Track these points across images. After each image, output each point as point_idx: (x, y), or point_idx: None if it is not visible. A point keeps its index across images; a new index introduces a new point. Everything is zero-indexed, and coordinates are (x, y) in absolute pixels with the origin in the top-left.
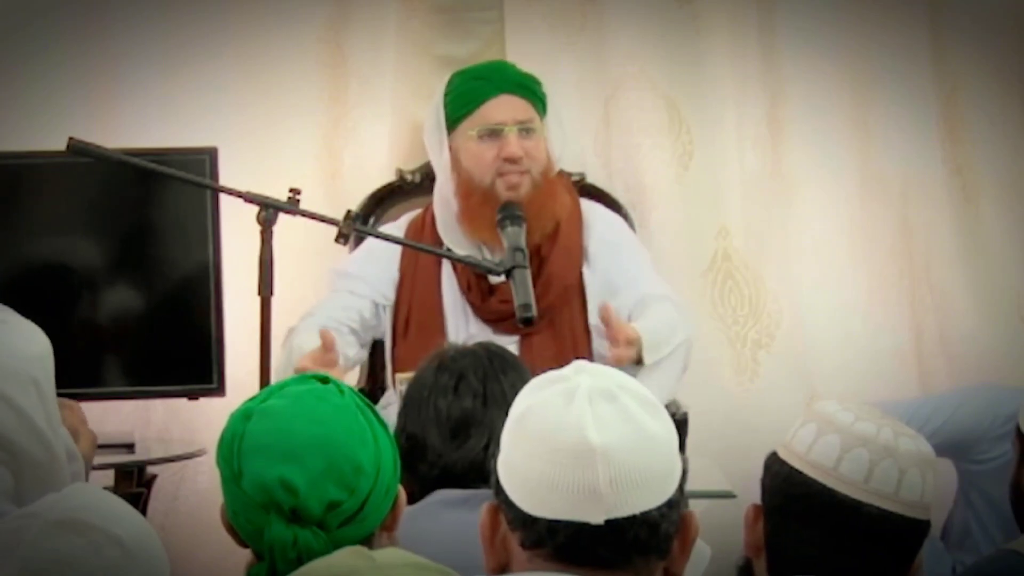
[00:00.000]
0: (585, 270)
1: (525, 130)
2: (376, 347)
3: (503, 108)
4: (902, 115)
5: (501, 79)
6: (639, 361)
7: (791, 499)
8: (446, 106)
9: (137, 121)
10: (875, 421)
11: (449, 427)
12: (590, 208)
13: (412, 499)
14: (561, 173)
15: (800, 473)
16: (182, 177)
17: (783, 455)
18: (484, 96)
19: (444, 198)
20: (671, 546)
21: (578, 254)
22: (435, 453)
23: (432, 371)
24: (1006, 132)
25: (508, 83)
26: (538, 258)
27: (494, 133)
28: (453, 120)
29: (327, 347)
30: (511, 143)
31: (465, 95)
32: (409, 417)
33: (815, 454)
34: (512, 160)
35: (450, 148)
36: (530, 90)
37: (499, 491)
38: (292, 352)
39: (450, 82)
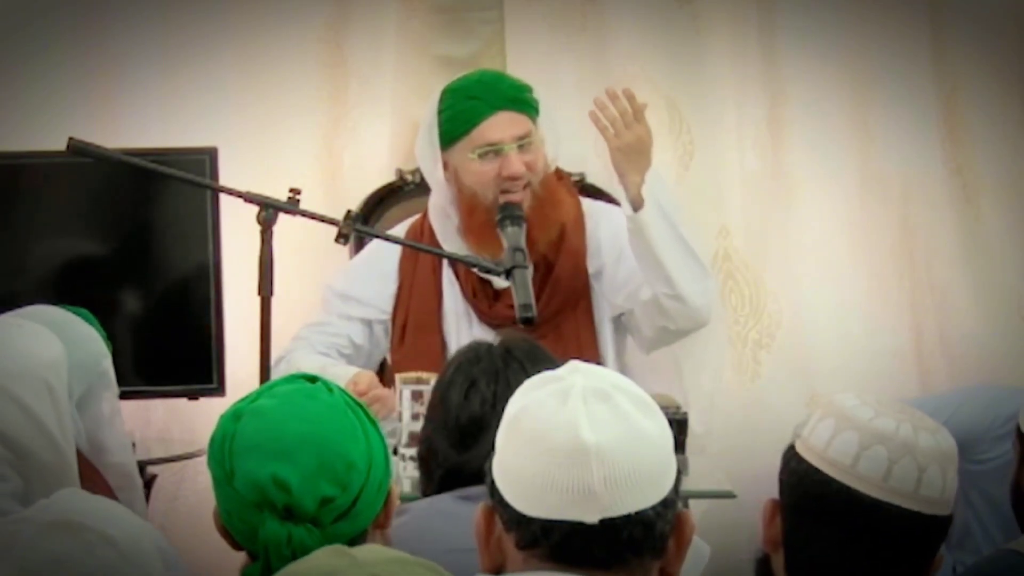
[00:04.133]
0: (591, 273)
1: (523, 145)
2: None
3: (500, 126)
4: (902, 115)
5: (495, 96)
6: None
7: (809, 497)
8: (440, 124)
9: (137, 121)
10: (894, 416)
11: (458, 432)
12: (596, 208)
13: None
14: (561, 174)
15: (818, 471)
16: (182, 177)
17: (800, 450)
18: (480, 116)
19: (441, 209)
20: (666, 545)
21: (583, 257)
22: (443, 457)
23: (449, 373)
24: (1006, 132)
25: (502, 99)
26: (545, 263)
27: (493, 152)
28: (449, 139)
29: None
30: (512, 162)
31: (460, 115)
32: (428, 418)
33: (833, 451)
34: (514, 178)
35: (447, 164)
36: (523, 102)
37: (494, 492)
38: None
39: (442, 100)
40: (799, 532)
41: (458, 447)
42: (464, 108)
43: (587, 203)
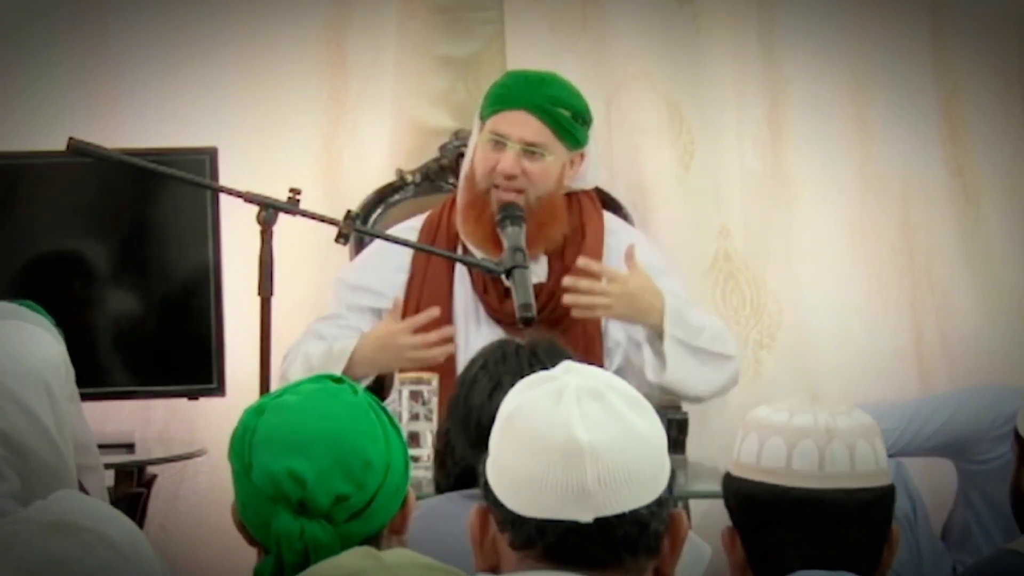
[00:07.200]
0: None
1: (530, 152)
2: None
3: (513, 123)
4: (903, 115)
5: (524, 94)
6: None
7: (757, 510)
8: (485, 98)
9: (137, 121)
10: (810, 411)
11: (477, 432)
12: (617, 226)
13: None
14: (591, 198)
15: (758, 483)
16: (182, 177)
17: (736, 472)
18: (503, 105)
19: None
20: (661, 545)
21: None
22: (460, 455)
23: (474, 371)
24: (1007, 132)
25: (527, 101)
26: (560, 262)
27: (499, 144)
28: (482, 115)
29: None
30: (507, 160)
31: (495, 97)
32: (448, 413)
33: (765, 460)
34: (505, 176)
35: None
36: (549, 113)
37: (488, 492)
38: (310, 358)
39: (502, 76)
40: (759, 547)
41: (476, 447)
42: (500, 92)
43: (610, 219)
